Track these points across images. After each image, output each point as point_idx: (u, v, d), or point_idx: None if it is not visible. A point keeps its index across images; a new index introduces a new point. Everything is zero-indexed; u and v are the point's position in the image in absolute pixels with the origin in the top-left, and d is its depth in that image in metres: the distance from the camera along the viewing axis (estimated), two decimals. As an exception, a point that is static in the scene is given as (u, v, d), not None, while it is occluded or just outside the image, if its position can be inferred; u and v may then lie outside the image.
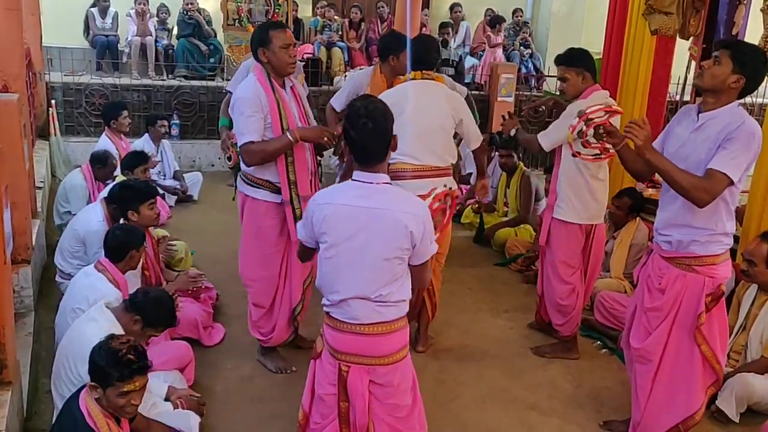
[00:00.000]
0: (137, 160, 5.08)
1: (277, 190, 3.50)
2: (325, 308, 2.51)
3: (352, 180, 2.43)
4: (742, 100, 2.94)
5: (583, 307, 4.22)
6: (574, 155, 3.57)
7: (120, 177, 4.96)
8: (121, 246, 3.42)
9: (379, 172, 2.40)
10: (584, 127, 3.35)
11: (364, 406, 2.45)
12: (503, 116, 4.20)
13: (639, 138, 2.75)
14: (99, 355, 2.42)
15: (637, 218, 4.90)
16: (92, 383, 2.43)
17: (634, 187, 5.35)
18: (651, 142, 2.81)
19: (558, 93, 4.36)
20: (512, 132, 4.12)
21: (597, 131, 3.22)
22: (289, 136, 3.38)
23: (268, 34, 3.41)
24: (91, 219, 4.18)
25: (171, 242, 4.83)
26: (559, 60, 3.93)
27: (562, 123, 3.79)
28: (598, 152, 3.60)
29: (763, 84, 9.50)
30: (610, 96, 3.96)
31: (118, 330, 2.80)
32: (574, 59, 3.86)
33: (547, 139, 3.87)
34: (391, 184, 2.44)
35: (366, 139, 2.36)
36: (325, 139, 3.44)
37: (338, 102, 4.56)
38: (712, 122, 2.83)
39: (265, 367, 3.84)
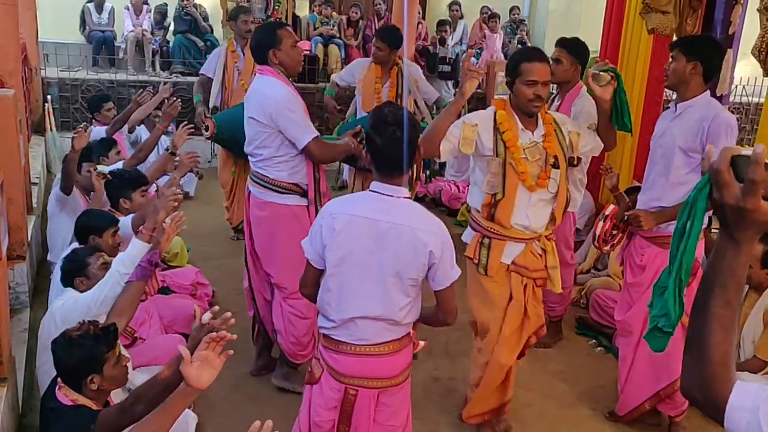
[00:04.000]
0: (108, 145, 4.94)
1: (304, 194, 3.31)
2: (324, 331, 2.37)
3: (371, 191, 2.30)
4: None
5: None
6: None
7: (100, 165, 4.90)
8: (83, 230, 3.34)
9: (400, 185, 2.27)
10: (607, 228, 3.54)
11: (368, 430, 2.36)
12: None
13: (645, 225, 3.18)
14: (76, 348, 2.25)
15: None
16: (89, 378, 2.26)
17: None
18: (649, 217, 3.19)
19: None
20: None
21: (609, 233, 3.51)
22: (348, 142, 3.31)
23: (277, 34, 3.22)
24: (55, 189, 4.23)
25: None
26: (563, 42, 3.99)
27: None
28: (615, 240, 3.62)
29: (759, 83, 9.49)
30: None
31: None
32: (576, 48, 3.97)
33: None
34: (410, 198, 2.32)
35: (392, 148, 2.21)
36: (353, 146, 3.32)
37: (339, 79, 5.33)
38: (689, 110, 3.14)
39: (295, 392, 3.45)
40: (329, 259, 2.28)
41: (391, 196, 2.25)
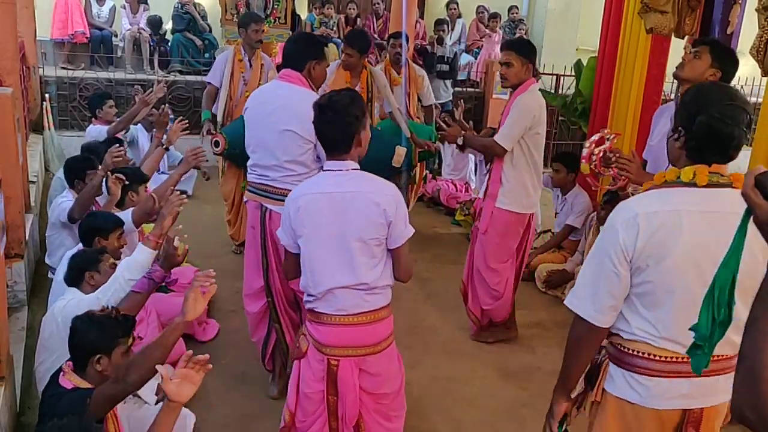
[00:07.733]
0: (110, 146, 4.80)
1: None
2: (308, 305, 2.51)
3: (323, 170, 2.51)
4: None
5: (514, 291, 4.27)
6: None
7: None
8: (89, 232, 3.37)
9: (347, 159, 2.44)
10: (596, 152, 3.34)
11: (355, 398, 2.48)
12: (444, 123, 4.02)
13: (631, 173, 3.05)
14: (95, 325, 2.36)
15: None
16: (97, 357, 2.35)
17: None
18: (642, 171, 3.09)
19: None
20: (459, 141, 4.04)
21: (606, 156, 3.29)
22: None
23: (324, 51, 3.31)
24: (60, 203, 4.17)
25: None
26: (509, 45, 3.95)
27: (517, 118, 3.80)
28: (613, 178, 3.46)
29: (758, 83, 9.51)
30: (606, 93, 3.99)
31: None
32: (523, 48, 3.90)
33: (508, 140, 3.82)
34: (359, 170, 2.48)
35: (327, 129, 2.43)
36: None
37: None
38: None
39: None
40: (299, 239, 2.45)
41: (341, 170, 2.44)
